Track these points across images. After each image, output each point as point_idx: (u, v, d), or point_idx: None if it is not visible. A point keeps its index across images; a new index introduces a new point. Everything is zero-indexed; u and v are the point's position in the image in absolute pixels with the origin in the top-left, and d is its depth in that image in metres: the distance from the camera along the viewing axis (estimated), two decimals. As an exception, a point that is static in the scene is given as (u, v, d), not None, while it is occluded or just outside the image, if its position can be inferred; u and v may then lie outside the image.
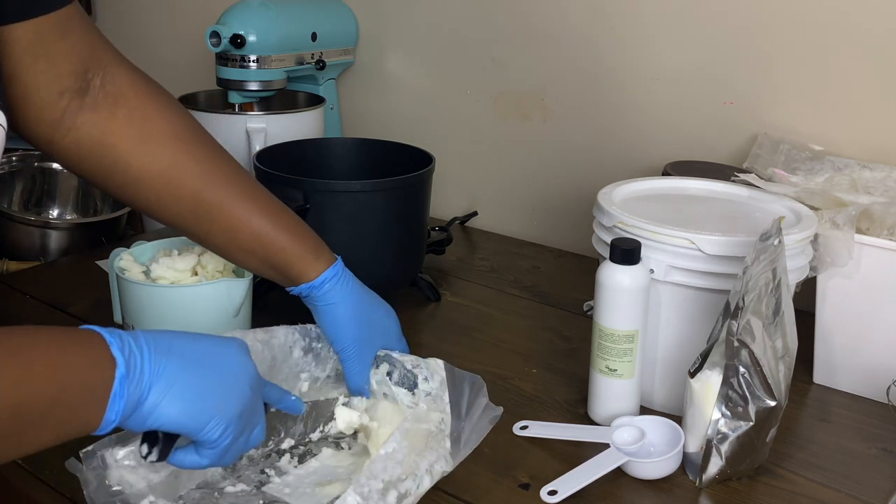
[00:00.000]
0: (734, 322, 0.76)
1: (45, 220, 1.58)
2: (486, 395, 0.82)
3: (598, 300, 0.87)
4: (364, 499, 0.68)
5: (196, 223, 0.82)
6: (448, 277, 1.28)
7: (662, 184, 1.03)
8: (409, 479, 0.72)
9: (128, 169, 0.78)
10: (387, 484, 0.70)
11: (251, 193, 0.84)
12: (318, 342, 0.87)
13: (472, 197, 1.54)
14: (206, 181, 0.81)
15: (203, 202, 0.81)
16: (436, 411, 0.81)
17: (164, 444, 0.65)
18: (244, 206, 0.82)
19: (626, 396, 0.88)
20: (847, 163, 1.09)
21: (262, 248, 0.83)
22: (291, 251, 0.84)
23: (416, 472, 0.73)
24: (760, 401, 0.78)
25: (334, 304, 0.85)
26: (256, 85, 1.41)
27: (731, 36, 1.22)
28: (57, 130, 0.75)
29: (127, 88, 0.79)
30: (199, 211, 0.81)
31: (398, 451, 0.72)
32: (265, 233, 0.83)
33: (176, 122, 0.81)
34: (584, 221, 1.10)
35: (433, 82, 1.54)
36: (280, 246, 0.83)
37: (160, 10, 1.93)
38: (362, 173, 1.20)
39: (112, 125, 0.77)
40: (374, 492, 0.69)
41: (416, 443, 0.75)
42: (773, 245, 0.78)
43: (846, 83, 1.15)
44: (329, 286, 0.84)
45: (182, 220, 0.82)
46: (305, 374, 0.86)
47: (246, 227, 0.82)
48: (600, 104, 1.36)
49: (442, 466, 0.75)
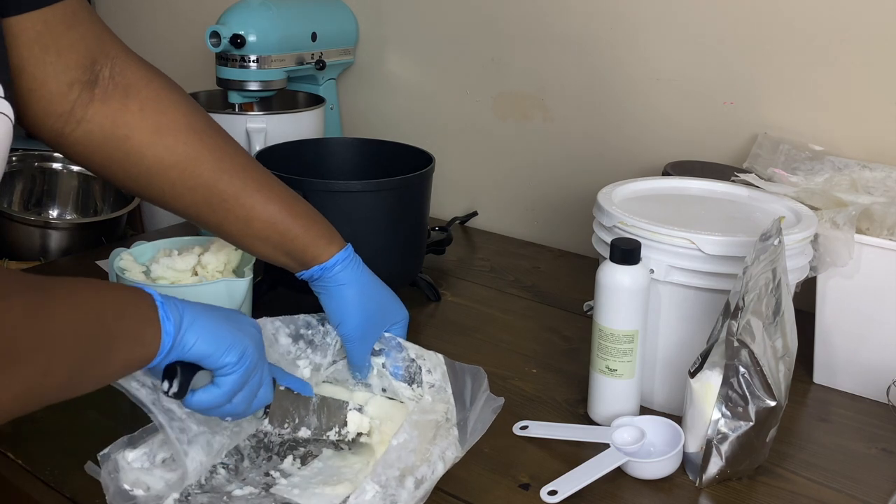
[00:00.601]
0: (734, 322, 0.76)
1: (45, 220, 1.58)
2: (488, 386, 0.84)
3: (598, 300, 0.87)
4: (382, 487, 0.70)
5: (211, 212, 0.83)
6: (448, 277, 1.28)
7: (662, 184, 1.03)
8: (423, 466, 0.73)
9: (141, 160, 0.79)
10: (403, 471, 0.72)
11: (265, 182, 0.85)
12: (307, 329, 0.88)
13: (472, 197, 1.54)
14: (221, 171, 0.82)
15: (218, 192, 0.82)
16: (441, 402, 0.82)
17: (182, 377, 0.68)
18: (259, 195, 0.83)
19: (626, 396, 0.88)
20: (847, 163, 1.09)
21: (277, 234, 0.84)
22: (305, 236, 0.85)
23: (430, 458, 0.74)
24: (760, 401, 0.78)
25: (344, 286, 0.87)
26: (256, 85, 1.41)
27: (731, 36, 1.22)
28: (67, 123, 0.75)
29: (137, 80, 0.79)
30: (214, 200, 0.82)
31: (410, 440, 0.74)
32: (280, 220, 0.84)
33: (189, 114, 0.82)
34: (584, 221, 1.10)
35: (433, 82, 1.54)
36: (295, 233, 0.85)
37: (160, 10, 1.93)
38: (362, 173, 1.20)
39: (124, 116, 0.77)
40: (391, 479, 0.71)
41: (426, 432, 0.77)
42: (773, 245, 0.78)
43: (846, 83, 1.15)
44: (340, 267, 0.86)
45: (196, 209, 0.83)
46: (303, 360, 0.87)
47: (262, 215, 0.83)
48: (600, 104, 1.36)
49: (453, 452, 0.77)
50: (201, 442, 0.74)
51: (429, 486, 0.74)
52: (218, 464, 0.78)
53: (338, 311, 0.87)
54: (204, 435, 0.74)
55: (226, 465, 0.79)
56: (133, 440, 0.74)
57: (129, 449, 0.73)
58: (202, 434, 0.74)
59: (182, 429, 0.73)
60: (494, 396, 0.83)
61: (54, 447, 0.84)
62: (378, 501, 0.70)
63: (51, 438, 0.85)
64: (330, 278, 0.86)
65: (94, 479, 0.73)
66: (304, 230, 0.85)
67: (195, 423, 0.74)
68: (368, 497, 0.70)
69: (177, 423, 0.72)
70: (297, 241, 0.85)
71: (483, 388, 0.84)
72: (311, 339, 0.89)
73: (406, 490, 0.72)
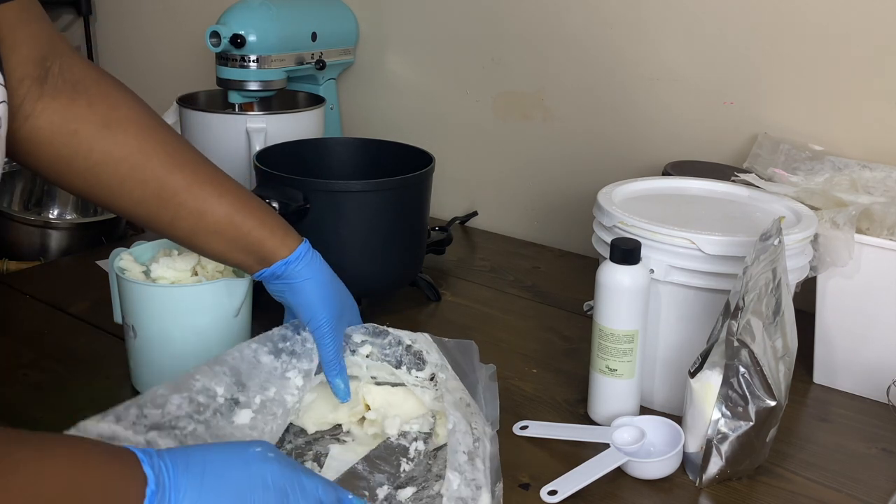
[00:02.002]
0: (734, 322, 0.76)
1: (45, 220, 1.58)
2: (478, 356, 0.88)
3: (598, 300, 0.87)
4: (461, 472, 0.71)
5: (161, 208, 0.80)
6: (448, 277, 1.28)
7: (662, 184, 1.03)
8: (479, 445, 0.76)
9: (90, 154, 0.77)
10: (469, 454, 0.73)
11: (217, 177, 0.83)
12: (284, 342, 0.86)
13: (472, 197, 1.54)
14: (172, 165, 0.80)
15: (169, 185, 0.79)
16: (452, 379, 0.85)
17: None
18: (210, 188, 0.81)
19: (626, 396, 0.88)
20: (847, 163, 1.09)
21: (232, 228, 0.82)
22: (262, 230, 0.83)
23: (479, 436, 0.77)
24: (760, 401, 0.78)
25: (309, 280, 0.85)
26: (256, 85, 1.41)
27: (731, 36, 1.22)
28: (15, 119, 0.74)
29: (85, 76, 0.78)
30: (165, 195, 0.80)
31: (459, 422, 0.76)
32: (234, 213, 0.82)
33: (139, 110, 0.80)
34: (584, 221, 1.10)
35: (433, 82, 1.54)
36: (250, 226, 0.83)
37: (160, 10, 1.93)
38: (362, 173, 1.20)
39: (74, 111, 0.76)
40: (463, 465, 0.72)
41: (464, 412, 0.79)
42: (773, 245, 0.78)
43: (846, 83, 1.15)
44: (304, 261, 0.85)
45: (146, 206, 0.80)
46: (292, 371, 0.85)
47: (215, 209, 0.81)
48: (600, 104, 1.36)
49: (489, 430, 0.80)
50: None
51: (488, 464, 0.75)
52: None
53: (306, 306, 0.85)
54: None
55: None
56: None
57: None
58: None
59: None
60: (485, 364, 0.87)
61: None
62: (464, 489, 0.71)
63: (51, 438, 0.85)
64: (295, 273, 0.84)
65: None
66: (260, 224, 0.83)
67: None
68: (455, 486, 0.70)
69: None
70: (252, 236, 0.83)
71: (476, 359, 0.87)
72: (291, 349, 0.86)
73: (479, 471, 0.73)
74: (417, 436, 0.86)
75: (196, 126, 1.38)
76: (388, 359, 0.88)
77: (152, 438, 0.70)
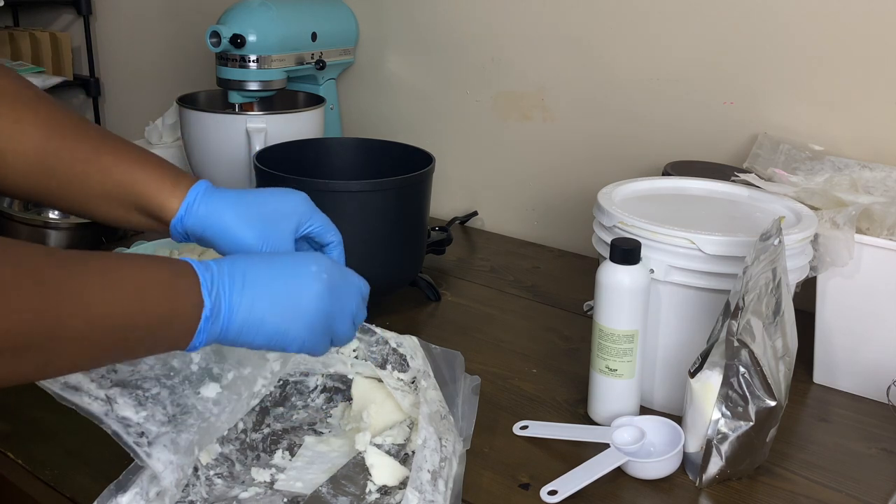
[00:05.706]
0: (734, 322, 0.76)
1: (45, 220, 1.58)
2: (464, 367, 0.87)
3: (598, 300, 0.87)
4: (421, 492, 0.71)
5: (46, 177, 0.76)
6: (448, 277, 1.28)
7: (662, 184, 1.03)
8: (445, 465, 0.75)
9: None
10: (432, 474, 0.73)
11: (101, 136, 0.78)
12: None
13: (472, 197, 1.54)
14: (51, 132, 0.76)
15: (50, 152, 0.75)
16: (431, 389, 0.84)
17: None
18: (92, 146, 0.77)
19: (626, 396, 0.88)
20: (847, 163, 1.09)
21: (116, 186, 0.76)
22: (147, 182, 0.77)
23: (447, 455, 0.76)
24: (760, 401, 0.78)
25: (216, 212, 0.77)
26: (256, 85, 1.41)
27: (731, 36, 1.22)
28: None
29: None
30: (49, 161, 0.75)
31: (429, 438, 0.75)
32: (115, 165, 0.76)
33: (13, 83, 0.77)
34: (584, 221, 1.10)
35: (433, 82, 1.54)
36: (135, 178, 0.76)
37: (160, 10, 1.93)
38: (362, 173, 1.20)
39: None
40: (425, 483, 0.71)
41: (438, 426, 0.78)
42: (773, 245, 0.78)
43: (846, 83, 1.15)
44: (202, 201, 0.77)
45: (34, 180, 0.76)
46: (272, 354, 0.84)
47: (95, 165, 0.76)
48: (600, 104, 1.36)
49: (459, 447, 0.79)
50: (164, 441, 0.71)
51: (451, 486, 0.75)
52: (212, 475, 0.78)
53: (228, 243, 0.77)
54: (167, 434, 0.72)
55: (220, 475, 0.78)
56: (121, 484, 0.71)
57: (121, 494, 0.70)
58: (164, 434, 0.72)
59: (140, 433, 0.71)
60: (470, 375, 0.86)
61: (54, 447, 0.84)
62: None
63: (51, 438, 0.85)
64: (201, 214, 0.76)
65: (95, 480, 0.73)
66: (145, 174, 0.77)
67: (155, 424, 0.72)
68: None
69: (133, 428, 0.71)
70: (138, 188, 0.76)
71: (459, 370, 0.87)
72: None
73: (440, 493, 0.72)
74: (391, 448, 0.83)
75: (196, 126, 1.38)
76: (373, 356, 0.89)
77: (112, 394, 0.72)
